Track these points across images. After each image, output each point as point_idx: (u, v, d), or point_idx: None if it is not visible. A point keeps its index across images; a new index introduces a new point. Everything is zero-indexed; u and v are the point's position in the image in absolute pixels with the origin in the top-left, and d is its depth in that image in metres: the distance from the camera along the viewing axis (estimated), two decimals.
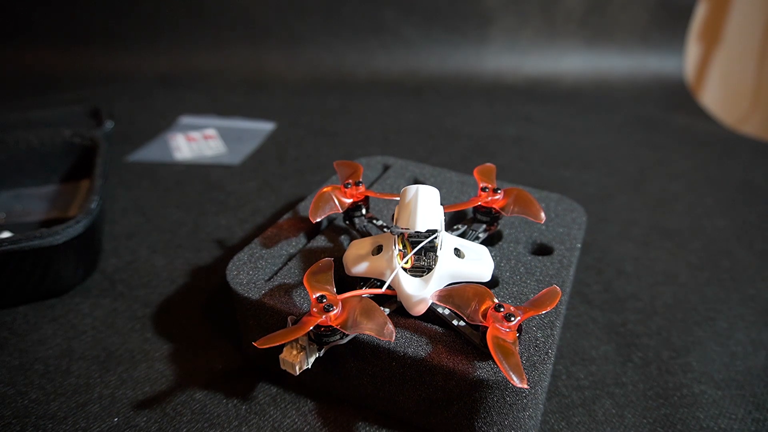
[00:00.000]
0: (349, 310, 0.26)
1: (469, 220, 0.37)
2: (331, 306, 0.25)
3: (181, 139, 0.71)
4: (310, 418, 0.31)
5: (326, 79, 0.99)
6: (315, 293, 0.26)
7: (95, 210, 0.41)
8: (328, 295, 0.26)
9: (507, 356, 0.24)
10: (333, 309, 0.25)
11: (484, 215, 0.36)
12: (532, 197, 0.34)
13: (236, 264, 0.34)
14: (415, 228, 0.28)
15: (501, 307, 0.25)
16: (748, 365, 0.36)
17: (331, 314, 0.25)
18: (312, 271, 0.28)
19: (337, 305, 0.25)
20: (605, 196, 0.60)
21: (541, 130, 0.80)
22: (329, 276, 0.28)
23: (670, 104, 0.95)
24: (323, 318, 0.25)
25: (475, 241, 0.34)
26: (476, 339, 0.27)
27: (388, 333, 0.24)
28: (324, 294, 0.26)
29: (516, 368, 0.23)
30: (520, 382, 0.23)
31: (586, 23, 1.04)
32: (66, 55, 1.01)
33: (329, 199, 0.35)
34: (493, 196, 0.35)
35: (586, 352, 0.37)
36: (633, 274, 0.46)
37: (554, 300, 0.26)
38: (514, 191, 0.35)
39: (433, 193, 0.30)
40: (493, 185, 0.35)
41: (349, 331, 0.25)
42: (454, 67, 1.02)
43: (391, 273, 0.29)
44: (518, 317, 0.25)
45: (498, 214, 0.35)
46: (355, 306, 0.26)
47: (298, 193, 0.58)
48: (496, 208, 0.35)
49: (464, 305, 0.26)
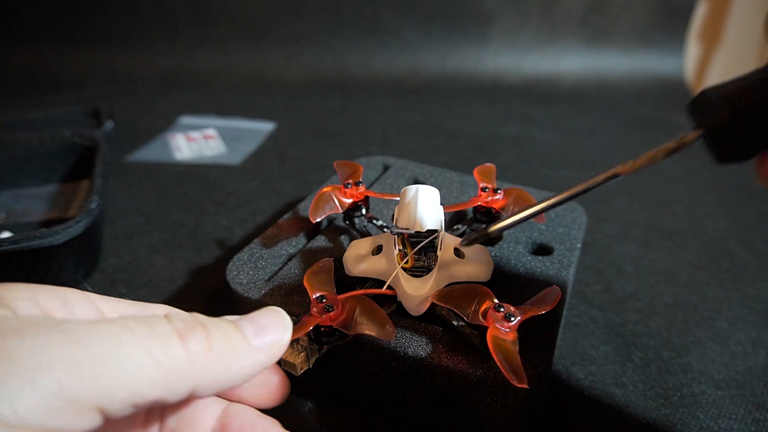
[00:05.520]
0: (349, 310, 0.26)
1: (469, 221, 0.36)
2: (330, 306, 0.25)
3: (181, 139, 0.71)
4: (309, 418, 0.31)
5: (326, 79, 0.99)
6: (315, 293, 0.26)
7: (95, 210, 0.41)
8: (328, 295, 0.26)
9: (507, 356, 0.24)
10: (333, 309, 0.25)
11: (484, 215, 0.36)
12: (532, 198, 0.34)
13: (236, 264, 0.34)
14: (414, 228, 0.28)
15: (501, 307, 0.25)
16: (748, 365, 0.36)
17: (331, 314, 0.25)
18: (312, 271, 0.28)
19: (337, 305, 0.25)
20: (605, 196, 0.60)
21: (541, 130, 0.80)
22: (329, 276, 0.28)
23: (670, 104, 0.95)
24: (323, 318, 0.25)
25: None
26: (476, 339, 0.27)
27: (388, 333, 0.24)
28: (324, 294, 0.26)
29: (516, 368, 0.23)
30: (519, 382, 0.23)
31: (586, 23, 1.04)
32: (66, 55, 1.01)
33: (329, 199, 0.35)
34: (493, 196, 0.35)
35: (586, 352, 0.37)
36: (633, 274, 0.46)
37: (554, 300, 0.26)
38: (514, 191, 0.35)
39: (434, 193, 0.30)
40: (493, 185, 0.35)
41: (350, 331, 0.25)
42: (454, 67, 1.02)
43: (391, 273, 0.29)
44: (518, 317, 0.25)
45: (498, 215, 0.35)
46: (355, 306, 0.26)
47: (298, 193, 0.58)
48: (496, 208, 0.35)
49: (464, 305, 0.26)
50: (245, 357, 0.18)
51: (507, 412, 0.27)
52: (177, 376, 0.15)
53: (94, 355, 0.14)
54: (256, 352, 0.18)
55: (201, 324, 0.17)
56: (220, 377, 0.17)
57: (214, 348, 0.16)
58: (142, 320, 0.16)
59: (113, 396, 0.14)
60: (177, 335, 0.16)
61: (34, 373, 0.13)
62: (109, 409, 0.14)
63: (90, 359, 0.14)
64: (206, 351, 0.16)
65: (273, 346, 0.19)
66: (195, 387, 0.16)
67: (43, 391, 0.13)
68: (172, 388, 0.15)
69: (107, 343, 0.14)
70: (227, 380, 0.17)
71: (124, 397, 0.14)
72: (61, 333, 0.14)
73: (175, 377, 0.15)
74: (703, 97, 0.22)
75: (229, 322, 0.18)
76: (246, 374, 0.18)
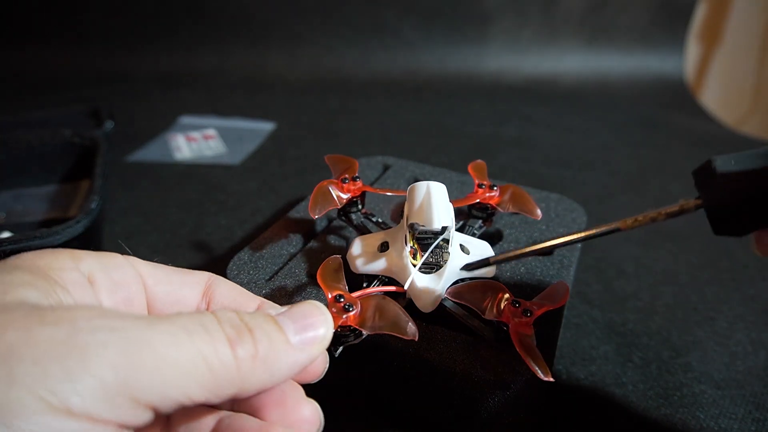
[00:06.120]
0: (367, 309, 0.25)
1: (465, 216, 0.37)
2: (350, 305, 0.24)
3: (181, 139, 0.71)
4: None
5: (326, 79, 0.99)
6: (331, 292, 0.25)
7: (95, 210, 0.41)
8: (345, 295, 0.25)
9: (530, 351, 0.24)
10: (353, 309, 0.24)
11: (480, 211, 0.36)
12: (528, 194, 0.35)
13: (237, 264, 0.34)
14: (432, 225, 0.28)
15: (518, 303, 0.25)
16: (748, 365, 0.36)
17: (351, 314, 0.24)
18: (323, 269, 0.27)
19: (356, 305, 0.25)
20: (605, 196, 0.60)
21: (541, 130, 0.80)
22: (341, 274, 0.27)
23: (670, 104, 0.95)
24: (344, 318, 0.24)
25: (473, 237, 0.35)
26: (487, 333, 0.27)
27: (411, 332, 0.24)
28: (341, 293, 0.25)
29: (540, 363, 0.23)
30: (545, 375, 0.23)
31: (586, 23, 1.04)
32: (66, 55, 1.01)
33: (328, 194, 0.34)
34: (489, 192, 0.35)
35: (586, 352, 0.37)
36: (633, 274, 0.46)
37: (564, 295, 0.27)
38: (509, 188, 0.35)
39: (444, 189, 0.31)
40: (488, 182, 0.36)
41: (369, 330, 0.24)
42: (454, 67, 1.02)
43: (401, 270, 0.29)
44: (535, 312, 0.25)
45: (494, 211, 0.35)
46: (372, 305, 0.25)
47: (298, 193, 0.58)
48: (493, 204, 0.35)
49: (478, 301, 0.27)
50: (286, 359, 0.18)
51: (508, 411, 0.27)
52: (224, 381, 0.16)
53: (155, 354, 0.14)
54: (297, 352, 0.18)
55: (248, 328, 0.17)
56: (262, 381, 0.17)
57: (260, 354, 0.17)
58: (198, 322, 0.16)
59: (167, 395, 0.15)
60: (227, 341, 0.16)
61: (99, 366, 0.13)
62: (161, 407, 0.15)
63: (151, 358, 0.14)
64: (252, 358, 0.17)
65: (314, 344, 0.19)
66: (239, 391, 0.16)
67: (106, 383, 0.13)
68: (219, 391, 0.16)
69: (167, 344, 0.15)
70: (268, 383, 0.17)
71: (175, 396, 0.15)
72: (124, 330, 0.15)
73: (223, 382, 0.16)
74: (708, 170, 0.22)
75: (272, 321, 0.18)
76: (286, 376, 0.18)
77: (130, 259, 0.20)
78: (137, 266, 0.20)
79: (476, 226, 0.36)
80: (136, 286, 0.20)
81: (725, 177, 0.21)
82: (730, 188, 0.21)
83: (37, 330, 0.14)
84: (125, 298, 0.20)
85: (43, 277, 0.17)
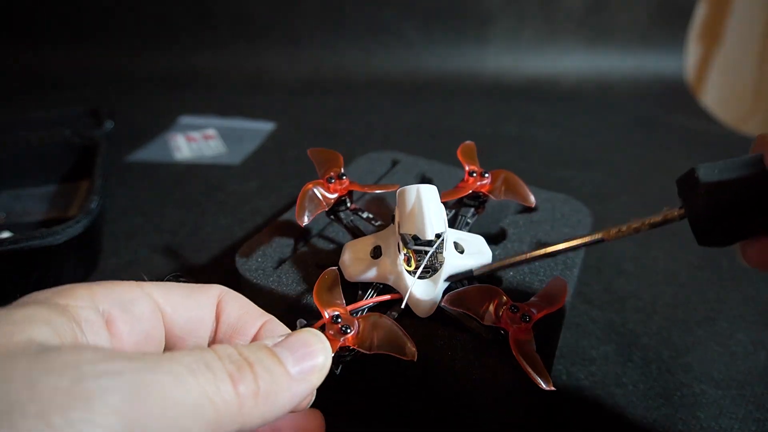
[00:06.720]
0: (365, 329, 0.24)
1: (456, 204, 0.35)
2: (347, 327, 0.24)
3: (181, 139, 0.71)
4: None
5: (326, 79, 0.99)
6: (328, 311, 0.24)
7: (95, 210, 0.41)
8: (342, 314, 0.24)
9: (530, 359, 0.24)
10: (350, 330, 0.24)
11: (472, 200, 0.35)
12: (520, 180, 0.34)
13: (245, 251, 0.34)
14: (425, 234, 0.27)
15: (516, 308, 0.25)
16: (748, 365, 0.36)
17: (349, 336, 0.24)
18: (319, 287, 0.26)
19: (353, 325, 0.24)
20: (605, 196, 0.60)
21: (541, 130, 0.80)
22: (337, 289, 0.26)
23: (670, 104, 0.95)
24: (342, 341, 0.23)
25: (465, 227, 0.34)
26: (486, 334, 0.27)
27: (410, 353, 0.24)
28: (338, 313, 0.24)
29: (541, 372, 0.23)
30: (546, 385, 0.23)
31: (586, 23, 1.03)
32: (66, 55, 1.01)
33: (313, 197, 0.33)
34: (481, 180, 0.34)
35: (586, 352, 0.37)
36: (633, 274, 0.46)
37: (562, 293, 0.26)
38: (501, 174, 0.34)
39: (435, 193, 0.29)
40: (478, 166, 0.34)
41: (367, 351, 0.24)
42: (454, 67, 1.02)
43: (396, 278, 0.28)
44: (533, 316, 0.25)
45: (486, 198, 0.34)
46: (370, 324, 0.25)
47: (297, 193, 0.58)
48: (485, 192, 0.34)
49: (476, 306, 0.26)
50: (287, 392, 0.18)
51: (507, 411, 0.27)
52: (227, 419, 0.16)
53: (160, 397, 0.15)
54: (296, 384, 0.18)
55: (248, 363, 0.17)
56: (264, 416, 0.17)
57: (261, 390, 0.17)
58: (201, 360, 0.16)
59: None
60: (229, 378, 0.16)
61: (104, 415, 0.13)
62: None
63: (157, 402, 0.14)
64: (254, 395, 0.17)
65: (314, 373, 0.19)
66: (240, 427, 0.17)
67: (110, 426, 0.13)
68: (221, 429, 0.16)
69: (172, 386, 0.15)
70: (269, 418, 0.18)
71: None
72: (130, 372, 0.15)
73: (226, 420, 0.16)
74: (691, 179, 0.21)
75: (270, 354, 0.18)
76: (287, 409, 0.18)
77: (146, 288, 0.20)
78: (154, 295, 0.20)
79: (469, 215, 0.35)
80: (155, 317, 0.20)
81: (708, 186, 0.20)
82: (714, 198, 0.20)
83: (41, 379, 0.14)
84: (144, 331, 0.20)
85: (60, 313, 0.17)
